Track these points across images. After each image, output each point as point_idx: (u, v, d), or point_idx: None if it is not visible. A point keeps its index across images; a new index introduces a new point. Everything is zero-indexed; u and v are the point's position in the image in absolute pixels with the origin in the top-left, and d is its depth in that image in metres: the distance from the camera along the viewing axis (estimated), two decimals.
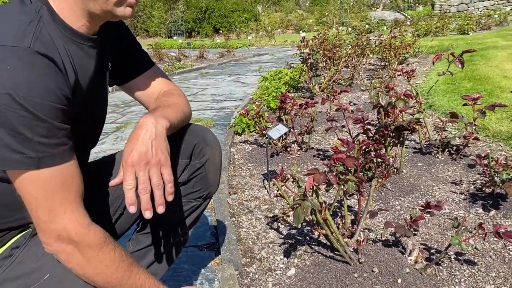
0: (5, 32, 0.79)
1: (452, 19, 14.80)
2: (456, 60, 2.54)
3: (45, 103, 0.77)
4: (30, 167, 0.78)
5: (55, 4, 0.88)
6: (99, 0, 0.87)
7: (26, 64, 0.76)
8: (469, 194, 2.06)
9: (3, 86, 0.73)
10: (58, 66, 0.82)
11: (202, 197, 1.20)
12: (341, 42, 6.10)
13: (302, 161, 2.66)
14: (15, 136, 0.75)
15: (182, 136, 1.13)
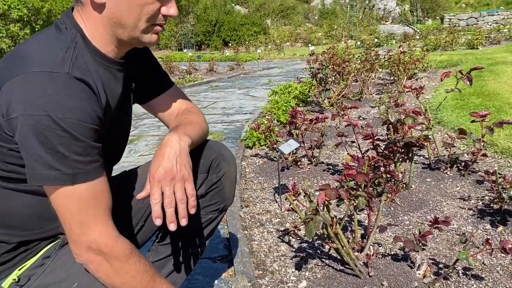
0: (47, 59, 0.86)
1: (462, 33, 14.85)
2: (464, 77, 2.60)
3: (81, 124, 0.84)
4: (66, 183, 0.85)
5: (87, 31, 0.96)
6: (127, 28, 0.95)
7: (65, 89, 0.84)
8: (477, 210, 2.09)
9: (44, 109, 0.80)
10: (93, 90, 0.90)
11: (218, 210, 1.26)
12: (350, 56, 6.18)
13: (312, 175, 2.71)
14: (53, 154, 0.82)
15: (200, 151, 1.19)
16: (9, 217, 0.98)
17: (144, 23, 0.96)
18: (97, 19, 0.95)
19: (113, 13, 0.94)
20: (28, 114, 0.81)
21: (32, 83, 0.83)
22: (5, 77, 0.85)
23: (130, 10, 0.93)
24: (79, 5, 0.96)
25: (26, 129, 0.81)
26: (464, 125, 3.38)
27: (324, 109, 4.86)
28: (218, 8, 24.90)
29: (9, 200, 0.97)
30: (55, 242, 1.04)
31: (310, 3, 28.79)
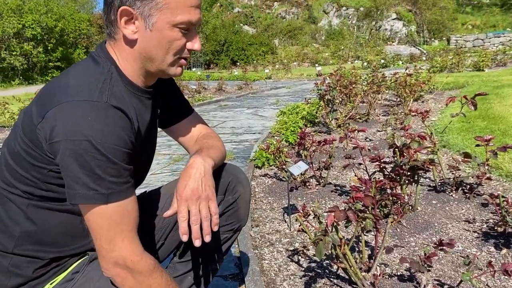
0: (87, 89, 0.96)
1: (468, 55, 14.98)
2: (469, 102, 2.68)
3: (117, 148, 0.93)
4: (101, 202, 0.94)
5: (120, 63, 1.07)
6: (156, 61, 1.06)
7: (104, 116, 0.93)
8: (482, 232, 2.15)
9: (85, 134, 0.90)
10: (128, 117, 0.99)
11: (233, 229, 1.35)
12: (357, 78, 6.29)
13: (321, 196, 2.78)
14: (90, 176, 0.92)
15: (218, 174, 1.28)
16: (44, 235, 1.06)
17: (172, 57, 1.06)
18: (129, 53, 1.06)
19: (143, 48, 1.04)
20: (70, 139, 0.90)
21: (73, 110, 0.92)
22: (48, 105, 0.94)
23: (160, 46, 1.03)
24: (112, 39, 1.07)
25: (67, 152, 0.91)
26: (469, 148, 3.44)
27: (331, 130, 4.94)
28: (227, 28, 25.32)
29: (45, 218, 1.05)
30: (83, 258, 1.13)
31: (317, 24, 29.16)
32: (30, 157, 0.99)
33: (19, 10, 17.89)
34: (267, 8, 30.52)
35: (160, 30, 1.02)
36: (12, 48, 17.38)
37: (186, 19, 1.02)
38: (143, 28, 1.02)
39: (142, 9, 1.00)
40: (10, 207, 1.05)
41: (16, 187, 1.03)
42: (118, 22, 1.02)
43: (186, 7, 1.02)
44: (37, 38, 17.97)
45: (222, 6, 30.20)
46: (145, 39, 1.03)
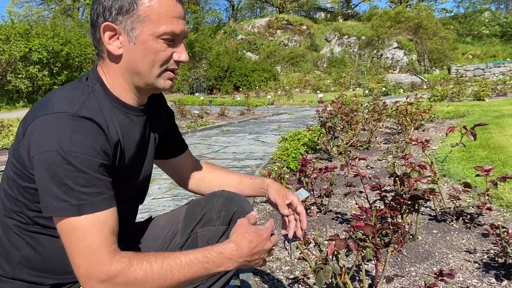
0: (62, 103, 0.98)
1: (468, 84, 15.14)
2: (469, 132, 2.71)
3: (85, 157, 0.92)
4: (72, 213, 0.92)
5: (108, 81, 1.09)
6: (143, 76, 1.07)
7: (72, 126, 0.94)
8: (483, 263, 2.14)
9: (52, 145, 0.91)
10: (101, 127, 0.98)
11: None
12: (358, 106, 6.36)
13: (322, 224, 2.79)
14: (61, 187, 0.91)
15: (223, 204, 1.31)
16: (44, 261, 1.07)
17: (158, 69, 1.07)
18: (116, 69, 1.08)
19: (129, 62, 1.06)
20: (41, 151, 0.91)
21: (44, 124, 0.94)
22: (28, 121, 0.97)
23: (145, 58, 1.05)
24: (100, 59, 1.10)
25: (40, 165, 0.92)
26: (470, 178, 3.46)
27: (332, 157, 4.97)
28: (230, 54, 25.69)
29: (44, 245, 1.06)
30: None
31: (319, 51, 29.58)
32: (19, 179, 1.00)
33: (26, 34, 18.23)
34: (270, 36, 31.04)
35: (143, 43, 1.03)
36: (18, 71, 17.63)
37: (169, 29, 1.03)
38: (127, 43, 1.04)
39: (125, 24, 1.02)
40: (11, 234, 1.07)
41: (13, 211, 1.04)
42: (103, 39, 1.04)
43: (168, 17, 1.03)
44: (43, 62, 18.24)
45: (226, 33, 30.75)
46: (130, 53, 1.04)
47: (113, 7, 1.02)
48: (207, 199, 1.35)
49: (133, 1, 1.01)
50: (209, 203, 1.33)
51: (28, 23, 20.38)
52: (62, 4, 36.03)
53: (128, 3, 1.01)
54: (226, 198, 1.33)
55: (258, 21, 33.07)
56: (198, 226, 1.31)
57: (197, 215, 1.32)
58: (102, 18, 1.03)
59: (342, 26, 31.61)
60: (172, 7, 1.04)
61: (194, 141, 7.28)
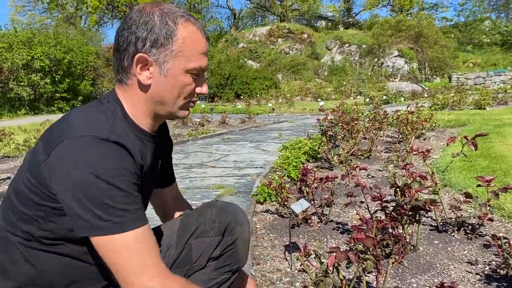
0: (90, 127, 1.00)
1: (469, 93, 15.14)
2: (470, 143, 2.71)
3: (121, 178, 0.96)
4: (117, 231, 0.94)
5: (128, 106, 1.12)
6: (167, 105, 1.12)
7: (106, 150, 0.96)
8: (484, 275, 2.13)
9: (88, 167, 0.93)
10: (128, 151, 1.02)
11: (231, 271, 1.35)
12: (358, 115, 6.36)
13: (322, 234, 2.78)
14: (100, 207, 0.93)
15: (216, 215, 1.31)
16: (43, 279, 1.07)
17: (182, 101, 1.12)
18: (141, 97, 1.11)
19: (156, 93, 1.09)
20: (74, 174, 0.93)
21: (77, 146, 0.95)
22: (54, 143, 0.98)
23: (173, 90, 1.09)
24: (122, 84, 1.12)
25: (71, 187, 0.93)
26: (471, 188, 3.45)
27: (333, 165, 4.96)
28: (232, 62, 25.77)
29: (44, 262, 1.06)
30: None
31: (320, 60, 29.66)
32: (35, 195, 1.01)
33: (29, 42, 18.33)
34: (271, 44, 31.14)
35: (174, 76, 1.08)
36: (20, 79, 17.70)
37: (198, 65, 1.09)
38: (158, 74, 1.07)
39: (158, 56, 1.06)
40: (11, 249, 1.07)
41: (18, 226, 1.05)
42: (133, 68, 1.07)
43: (198, 54, 1.09)
44: (45, 70, 18.32)
45: (228, 41, 30.85)
46: (159, 84, 1.08)
47: (148, 39, 1.05)
48: (200, 211, 1.36)
49: (168, 36, 1.05)
50: (203, 214, 1.33)
51: (30, 31, 20.51)
52: (65, 12, 36.22)
53: (163, 37, 1.05)
54: (220, 209, 1.33)
55: (260, 29, 33.18)
56: (192, 238, 1.30)
57: (191, 227, 1.32)
58: (134, 48, 1.06)
59: (343, 34, 31.70)
60: (202, 44, 1.10)
61: (195, 149, 7.28)
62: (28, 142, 6.15)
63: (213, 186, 4.43)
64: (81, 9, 35.59)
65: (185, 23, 1.07)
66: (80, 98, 20.07)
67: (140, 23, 1.05)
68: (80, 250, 1.08)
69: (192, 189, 4.38)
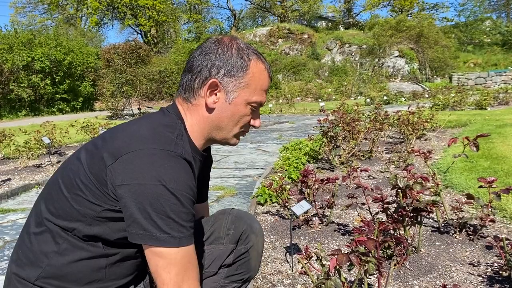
0: (163, 140, 1.03)
1: (470, 93, 15.13)
2: (471, 143, 2.70)
3: (186, 195, 0.99)
4: (173, 245, 0.97)
5: (188, 124, 1.16)
6: (224, 131, 1.17)
7: (178, 166, 1.00)
8: (487, 276, 2.12)
9: (159, 179, 0.96)
10: (193, 170, 1.06)
11: (242, 280, 1.35)
12: (359, 115, 6.35)
13: (323, 235, 2.77)
14: (164, 220, 0.96)
15: (232, 222, 1.31)
16: (68, 272, 1.08)
17: (238, 129, 1.18)
18: (202, 118, 1.15)
19: (218, 117, 1.15)
20: (147, 184, 0.95)
21: (150, 157, 0.98)
22: (124, 149, 1.00)
23: (232, 118, 1.15)
24: (187, 102, 1.16)
25: (142, 196, 0.96)
26: (472, 188, 3.44)
27: (334, 166, 4.95)
28: None
29: (74, 257, 1.08)
30: None
31: (321, 60, 29.66)
32: (90, 193, 1.03)
33: (29, 43, 18.33)
34: (272, 45, 31.15)
35: (237, 105, 1.15)
36: (21, 80, 17.70)
37: (259, 99, 1.17)
38: (223, 100, 1.14)
39: (228, 85, 1.13)
40: (46, 238, 1.08)
41: (62, 218, 1.06)
42: (204, 91, 1.13)
43: (262, 89, 1.17)
44: (45, 71, 18.32)
45: None
46: (222, 109, 1.14)
47: (223, 68, 1.13)
48: (216, 217, 1.38)
49: (242, 69, 1.14)
50: (218, 221, 1.34)
51: (31, 32, 20.50)
52: (65, 13, 36.27)
53: (237, 69, 1.14)
54: (235, 216, 1.34)
55: (260, 30, 33.20)
56: (206, 243, 1.31)
57: (206, 232, 1.33)
58: (208, 73, 1.13)
59: (343, 35, 31.71)
60: (267, 81, 1.19)
61: None
62: (28, 144, 6.13)
63: (214, 187, 4.42)
64: (81, 10, 35.63)
65: (257, 61, 1.16)
66: (80, 99, 20.06)
67: (219, 52, 1.13)
68: (113, 252, 1.10)
69: None
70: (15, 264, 1.10)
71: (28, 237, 1.10)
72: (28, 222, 1.14)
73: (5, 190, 4.47)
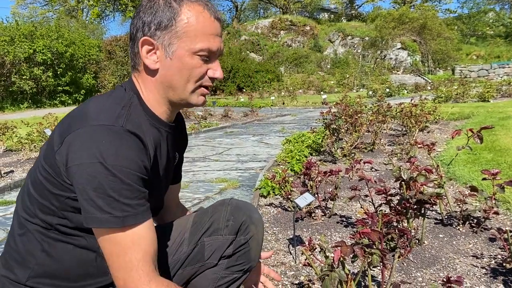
0: (104, 115, 0.98)
1: (473, 85, 15.06)
2: (475, 136, 2.68)
3: (129, 171, 0.94)
4: (116, 225, 0.93)
5: (144, 94, 1.10)
6: (177, 90, 1.08)
7: (117, 139, 0.94)
8: (490, 268, 2.12)
9: (96, 157, 0.91)
10: (143, 142, 1.00)
11: (243, 270, 1.34)
12: (362, 107, 6.33)
13: (326, 227, 2.77)
14: (105, 199, 0.92)
15: (231, 213, 1.29)
16: (58, 269, 1.07)
17: (193, 85, 1.08)
18: (151, 83, 1.09)
19: (164, 77, 1.07)
20: (85, 162, 0.91)
21: (89, 135, 0.94)
22: (67, 131, 0.97)
23: (180, 74, 1.06)
24: (136, 71, 1.11)
25: (83, 175, 0.92)
26: (476, 181, 3.43)
27: (337, 159, 4.94)
28: (234, 55, 25.68)
29: (60, 253, 1.06)
30: None
31: (323, 52, 29.54)
32: (50, 185, 1.00)
33: (31, 35, 18.28)
34: (274, 36, 31.02)
35: (180, 58, 1.05)
36: (22, 72, 17.68)
37: (205, 46, 1.05)
38: (164, 58, 1.05)
39: (163, 39, 1.04)
40: (29, 238, 1.06)
41: (37, 216, 1.04)
42: (140, 53, 1.06)
43: (205, 35, 1.05)
44: (47, 63, 18.29)
45: (230, 34, 30.74)
46: (166, 68, 1.06)
47: (152, 22, 1.04)
48: (215, 208, 1.35)
49: (172, 17, 1.03)
50: (217, 212, 1.32)
51: (32, 24, 20.45)
52: (66, 5, 36.14)
53: (167, 19, 1.03)
54: (235, 207, 1.32)
55: (262, 22, 33.05)
56: (205, 235, 1.29)
57: (205, 224, 1.31)
58: (141, 33, 1.05)
59: (346, 27, 31.55)
60: (210, 24, 1.06)
61: (198, 143, 7.27)
62: (30, 136, 6.14)
63: (217, 180, 4.42)
64: (82, 2, 35.49)
65: (190, 4, 1.04)
66: (82, 92, 20.06)
67: (146, 7, 1.05)
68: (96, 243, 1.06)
69: (196, 182, 4.37)
70: (5, 267, 1.09)
71: (13, 239, 1.09)
72: (12, 224, 1.12)
73: (8, 182, 4.48)
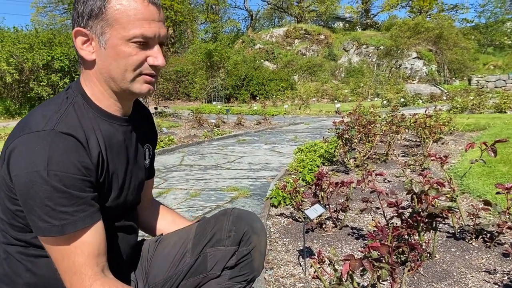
0: (38, 121, 0.97)
1: (489, 95, 14.85)
2: (489, 149, 2.65)
3: (63, 175, 0.92)
4: (55, 234, 0.94)
5: (88, 90, 1.08)
6: (117, 80, 1.05)
7: (48, 143, 0.92)
8: (503, 285, 2.08)
9: (31, 166, 0.91)
10: (80, 141, 0.97)
11: (246, 280, 1.34)
12: (376, 118, 6.30)
13: (337, 239, 2.75)
14: (42, 208, 0.92)
15: (233, 223, 1.29)
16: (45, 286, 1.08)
17: (131, 73, 1.04)
18: (93, 75, 1.07)
19: (102, 68, 1.04)
20: (21, 173, 0.91)
21: (22, 144, 0.93)
22: (7, 142, 0.97)
23: (117, 63, 1.02)
24: (80, 68, 1.10)
25: (20, 187, 0.92)
26: (490, 194, 3.38)
27: (349, 169, 4.92)
28: (248, 64, 25.79)
29: (43, 269, 1.06)
30: None
31: (337, 61, 29.50)
32: (9, 202, 1.00)
33: (49, 43, 18.63)
34: (288, 45, 31.11)
35: (114, 47, 1.01)
36: (40, 78, 18.01)
37: (139, 33, 1.00)
38: (98, 47, 1.03)
39: (95, 28, 1.01)
40: (12, 261, 1.07)
41: (12, 236, 1.04)
42: (75, 45, 1.04)
43: (138, 20, 1.00)
44: (64, 70, 18.60)
45: (244, 42, 30.92)
46: (102, 58, 1.03)
47: (84, 12, 1.01)
48: (217, 218, 1.34)
49: (102, 5, 0.99)
50: (219, 222, 1.31)
51: (51, 31, 20.83)
52: None
53: (97, 7, 1.00)
54: (236, 217, 1.31)
55: (276, 30, 33.19)
56: (207, 246, 1.29)
57: (207, 235, 1.31)
58: (76, 24, 1.03)
59: (361, 35, 31.48)
60: (143, 9, 1.00)
61: (211, 151, 7.30)
62: None
63: (228, 188, 4.44)
64: None
65: None
66: None
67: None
68: None
69: (207, 190, 4.39)
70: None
71: (0, 263, 1.09)
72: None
73: None
